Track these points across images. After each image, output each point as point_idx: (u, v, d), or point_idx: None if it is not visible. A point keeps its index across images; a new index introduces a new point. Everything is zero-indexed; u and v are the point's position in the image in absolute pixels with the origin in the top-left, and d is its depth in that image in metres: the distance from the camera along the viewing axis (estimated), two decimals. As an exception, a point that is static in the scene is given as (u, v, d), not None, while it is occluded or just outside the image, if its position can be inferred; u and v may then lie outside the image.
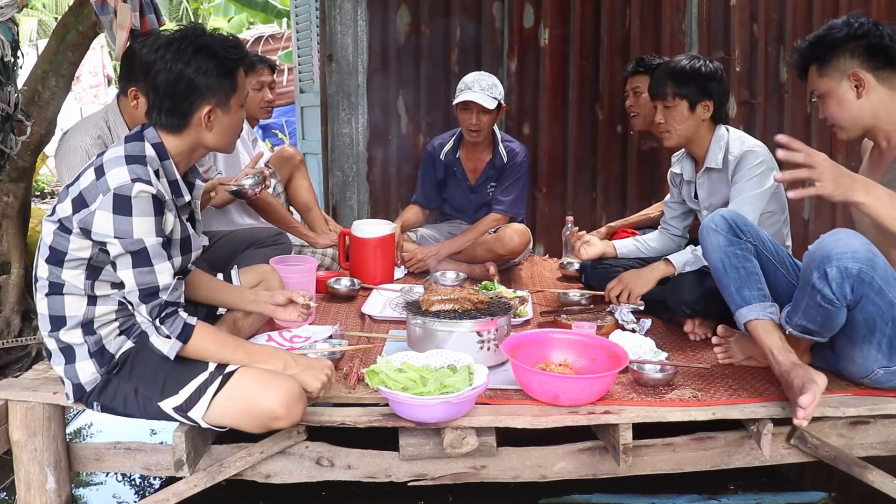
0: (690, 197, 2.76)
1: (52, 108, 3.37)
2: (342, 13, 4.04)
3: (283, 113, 8.75)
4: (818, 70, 1.99)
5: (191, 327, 1.74)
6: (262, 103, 3.22)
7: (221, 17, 11.67)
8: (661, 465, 1.99)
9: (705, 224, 2.15)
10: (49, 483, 1.91)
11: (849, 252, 1.71)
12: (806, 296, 1.81)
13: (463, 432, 1.82)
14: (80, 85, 9.88)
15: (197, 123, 1.76)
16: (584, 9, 4.01)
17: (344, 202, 4.23)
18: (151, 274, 1.68)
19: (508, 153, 3.33)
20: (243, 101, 1.84)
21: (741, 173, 2.48)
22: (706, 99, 2.54)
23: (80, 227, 1.66)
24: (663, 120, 2.59)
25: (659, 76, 2.61)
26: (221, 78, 1.74)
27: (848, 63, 1.93)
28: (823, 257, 1.73)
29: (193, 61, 1.70)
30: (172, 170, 1.78)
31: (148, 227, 1.65)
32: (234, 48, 1.77)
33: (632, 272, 2.62)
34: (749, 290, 2.01)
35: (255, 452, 1.89)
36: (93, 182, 1.66)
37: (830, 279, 1.71)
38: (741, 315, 2.00)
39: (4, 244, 3.35)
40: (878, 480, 1.93)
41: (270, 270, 2.33)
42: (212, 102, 1.75)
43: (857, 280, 1.71)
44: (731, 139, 2.57)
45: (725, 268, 2.06)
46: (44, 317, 1.78)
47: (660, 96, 2.59)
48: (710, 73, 2.54)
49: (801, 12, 4.10)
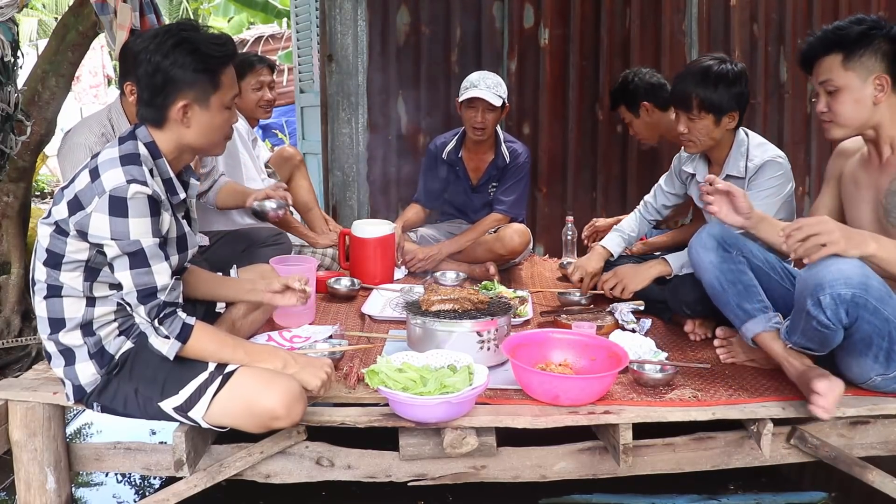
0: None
1: (52, 108, 3.37)
2: (342, 13, 4.04)
3: (283, 113, 8.75)
4: (844, 61, 1.89)
5: (189, 327, 1.74)
6: (261, 103, 3.22)
7: (221, 17, 11.66)
8: (661, 465, 1.99)
9: (695, 244, 2.14)
10: (49, 483, 1.91)
11: (841, 278, 1.68)
12: (802, 320, 1.80)
13: (463, 432, 1.82)
14: (80, 85, 9.88)
15: (175, 118, 1.74)
16: (584, 9, 4.02)
17: (344, 202, 4.23)
18: (149, 275, 1.68)
19: (511, 154, 3.33)
20: (230, 103, 1.81)
21: (759, 181, 2.43)
22: (734, 110, 2.44)
23: (76, 229, 1.66)
24: (686, 131, 2.48)
25: (683, 85, 2.44)
26: (200, 73, 1.72)
27: (877, 64, 1.88)
28: (816, 285, 1.71)
29: (171, 54, 1.69)
30: (166, 168, 1.78)
31: (144, 228, 1.65)
32: (219, 45, 1.74)
33: (628, 267, 2.60)
34: (750, 304, 2.02)
35: (255, 452, 1.89)
36: (88, 184, 1.65)
37: (825, 306, 1.70)
38: (747, 330, 2.00)
39: (4, 244, 3.36)
40: (878, 480, 1.94)
41: (270, 270, 2.33)
42: (188, 97, 1.73)
43: (852, 304, 1.70)
44: (752, 145, 2.50)
45: (722, 285, 2.07)
46: (42, 319, 1.78)
47: (683, 107, 2.45)
48: (737, 80, 2.41)
49: (801, 12, 4.10)
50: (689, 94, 2.41)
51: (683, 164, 2.75)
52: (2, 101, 2.60)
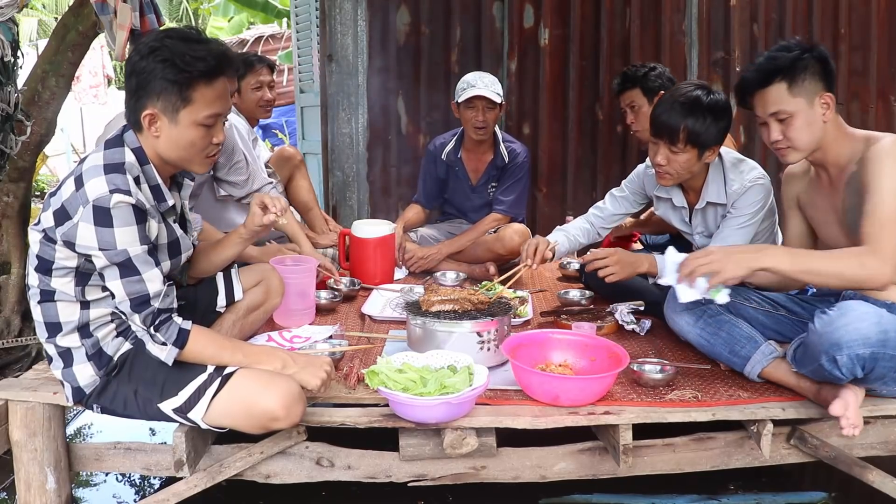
0: (684, 221, 2.62)
1: (52, 108, 3.37)
2: (342, 13, 4.04)
3: (283, 113, 8.75)
4: (789, 88, 1.90)
5: (186, 332, 1.73)
6: (261, 102, 3.22)
7: (221, 17, 11.66)
8: (661, 466, 1.99)
9: (667, 313, 2.19)
10: (49, 483, 1.91)
11: (859, 339, 1.67)
12: (814, 366, 1.79)
13: (463, 433, 1.82)
14: (80, 85, 9.87)
15: (144, 126, 1.69)
16: (584, 9, 4.02)
17: (344, 202, 4.23)
18: (140, 283, 1.66)
19: (510, 153, 3.34)
20: (207, 121, 1.70)
21: (741, 207, 2.38)
22: (717, 144, 2.35)
23: (63, 240, 1.64)
24: (665, 163, 2.34)
25: (670, 115, 2.28)
26: (169, 84, 1.64)
27: (816, 85, 1.91)
28: (832, 344, 1.69)
29: (146, 59, 1.64)
30: (153, 174, 1.75)
31: (131, 237, 1.62)
32: (197, 59, 1.65)
33: (624, 253, 2.53)
34: (740, 347, 2.02)
35: (255, 453, 1.89)
36: (73, 193, 1.63)
37: (841, 365, 1.70)
38: (751, 372, 2.00)
39: (4, 244, 3.35)
40: (878, 480, 1.94)
41: (270, 270, 2.33)
42: (155, 107, 1.67)
43: (870, 360, 1.69)
44: (727, 168, 2.41)
45: (707, 340, 2.09)
46: (39, 324, 1.77)
47: (668, 139, 2.30)
48: (725, 113, 2.30)
49: (801, 12, 4.10)
50: (676, 125, 2.26)
51: (657, 190, 2.63)
52: (2, 101, 2.60)
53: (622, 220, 2.82)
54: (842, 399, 1.76)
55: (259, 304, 2.21)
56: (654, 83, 3.07)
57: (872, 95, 4.18)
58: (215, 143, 1.77)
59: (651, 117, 2.38)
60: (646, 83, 3.10)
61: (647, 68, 3.14)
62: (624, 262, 2.47)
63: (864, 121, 4.13)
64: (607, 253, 2.49)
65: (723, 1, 4.05)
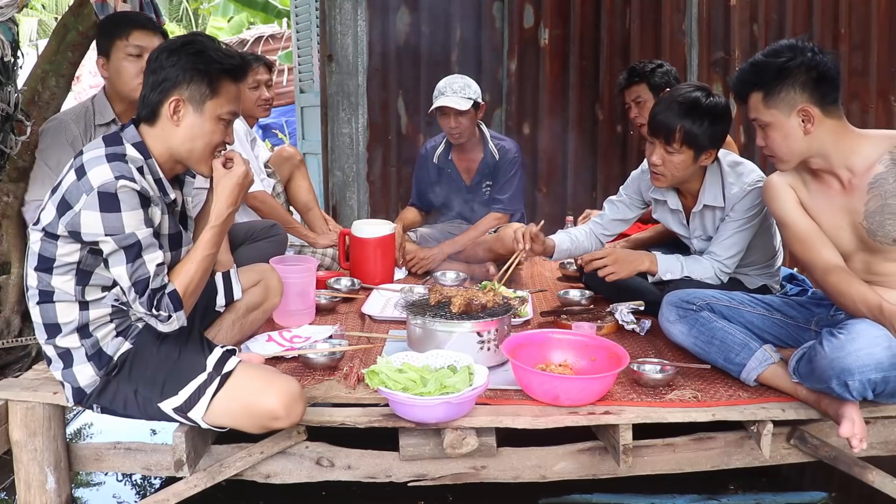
0: (682, 224, 2.59)
1: (52, 108, 3.37)
2: (342, 13, 4.04)
3: (283, 113, 8.75)
4: (764, 100, 1.87)
5: (175, 292, 1.73)
6: (259, 101, 3.21)
7: (221, 17, 11.67)
8: (661, 466, 1.99)
9: (662, 322, 2.20)
10: (49, 483, 1.91)
11: (872, 364, 1.67)
12: (820, 386, 1.78)
13: (463, 433, 1.82)
14: (80, 85, 9.88)
15: (165, 116, 1.75)
16: (584, 9, 4.02)
17: (344, 202, 4.23)
18: (143, 266, 1.68)
19: (499, 150, 3.34)
20: (225, 116, 1.79)
21: (740, 211, 2.36)
22: (713, 148, 2.33)
23: (67, 230, 1.65)
24: (660, 163, 2.32)
25: (668, 114, 2.27)
26: (199, 74, 1.73)
27: (797, 97, 1.84)
28: (844, 369, 1.68)
29: (177, 52, 1.73)
30: (156, 168, 1.78)
31: (137, 220, 1.65)
32: (227, 56, 1.77)
33: (623, 252, 2.53)
34: (734, 354, 2.02)
35: (255, 452, 1.89)
36: (74, 182, 1.65)
37: (852, 389, 1.69)
38: (747, 378, 2.00)
39: (4, 244, 3.35)
40: (878, 480, 1.94)
41: (270, 270, 2.33)
42: (182, 94, 1.73)
43: (881, 382, 1.69)
44: (725, 171, 2.39)
45: (702, 348, 2.09)
46: (38, 325, 1.78)
47: (664, 138, 2.29)
48: (724, 116, 2.30)
49: (801, 12, 4.10)
50: (673, 124, 2.26)
51: (653, 192, 2.60)
52: (2, 101, 2.59)
53: (623, 226, 2.79)
54: (848, 419, 1.75)
55: (258, 303, 2.21)
56: (661, 80, 3.09)
57: (872, 95, 4.18)
58: (224, 143, 1.85)
59: (649, 116, 2.38)
60: (653, 79, 3.11)
61: (654, 65, 3.15)
62: (623, 260, 2.47)
63: (864, 121, 4.12)
64: (606, 252, 2.50)
65: (723, 1, 4.05)
